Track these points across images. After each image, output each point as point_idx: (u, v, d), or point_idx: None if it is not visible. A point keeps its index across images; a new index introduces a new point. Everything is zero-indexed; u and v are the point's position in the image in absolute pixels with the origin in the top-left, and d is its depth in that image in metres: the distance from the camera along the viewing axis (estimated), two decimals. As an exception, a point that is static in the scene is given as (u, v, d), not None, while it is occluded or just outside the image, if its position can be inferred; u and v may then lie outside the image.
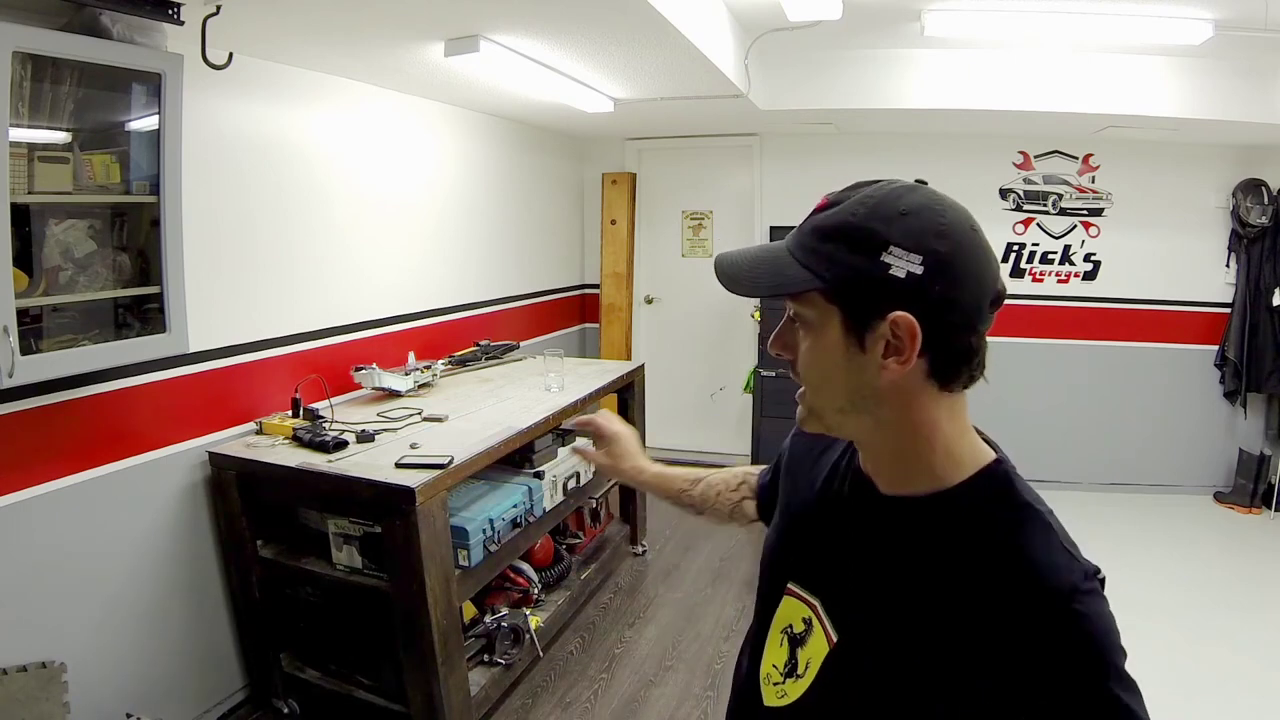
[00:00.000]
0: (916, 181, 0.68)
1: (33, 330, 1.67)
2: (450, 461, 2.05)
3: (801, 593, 0.79)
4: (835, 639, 0.73)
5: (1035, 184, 4.25)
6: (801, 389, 0.73)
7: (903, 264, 0.62)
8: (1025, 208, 4.28)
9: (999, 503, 0.68)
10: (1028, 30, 2.89)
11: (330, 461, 2.08)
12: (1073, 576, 0.63)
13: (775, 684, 0.79)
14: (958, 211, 0.65)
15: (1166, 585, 3.19)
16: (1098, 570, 0.64)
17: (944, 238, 0.63)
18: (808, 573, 0.79)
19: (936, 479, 0.69)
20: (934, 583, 0.67)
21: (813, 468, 0.84)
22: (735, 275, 0.71)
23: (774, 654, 0.81)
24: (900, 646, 0.68)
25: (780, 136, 4.48)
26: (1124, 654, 0.62)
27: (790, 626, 0.79)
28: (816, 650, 0.75)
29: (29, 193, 1.61)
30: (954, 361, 0.66)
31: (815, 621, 0.76)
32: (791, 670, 0.77)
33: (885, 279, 0.63)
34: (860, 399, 0.68)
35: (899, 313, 0.63)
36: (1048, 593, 0.62)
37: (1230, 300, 4.13)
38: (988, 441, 0.73)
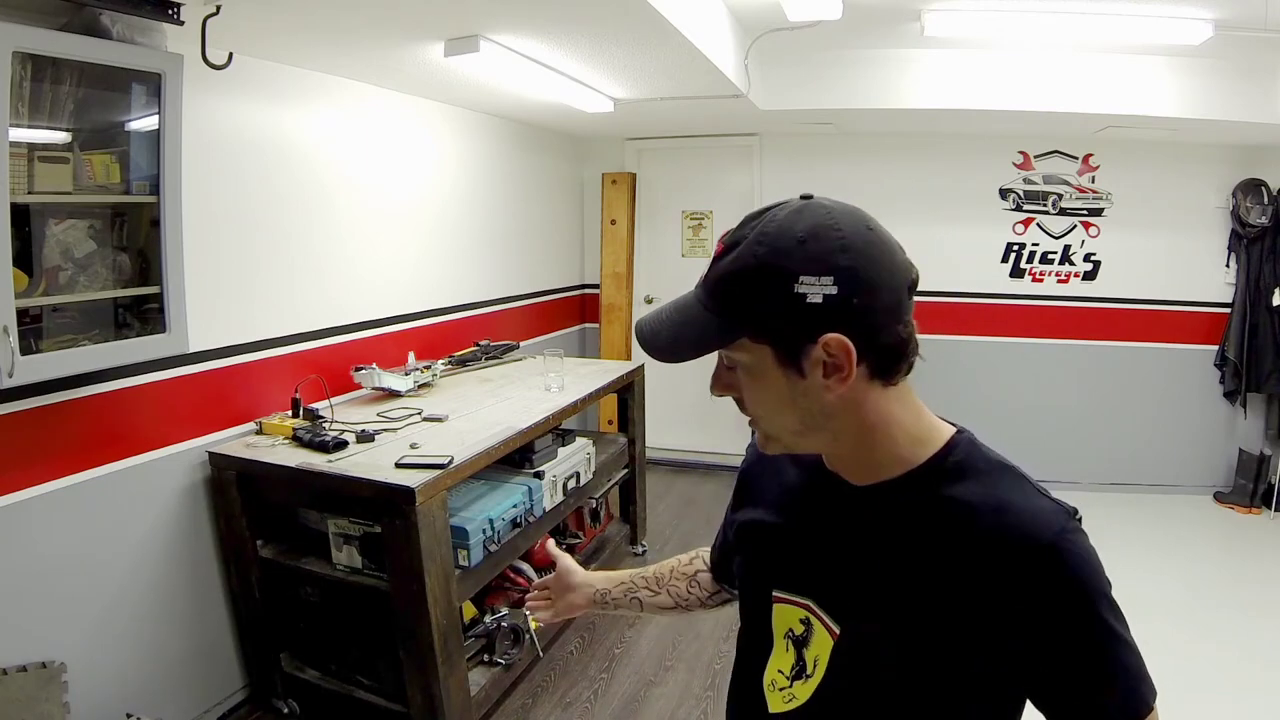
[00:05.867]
0: (801, 198, 0.69)
1: (33, 330, 1.67)
2: (450, 461, 2.05)
3: (789, 597, 0.80)
4: (837, 630, 0.75)
5: (1035, 184, 4.24)
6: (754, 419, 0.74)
7: (817, 289, 0.63)
8: (1025, 208, 4.27)
9: (971, 465, 0.71)
10: (1028, 30, 2.89)
11: (330, 461, 2.08)
12: (1058, 518, 0.67)
13: (781, 689, 0.79)
14: (851, 217, 0.67)
15: (1166, 585, 3.19)
16: (1076, 510, 0.69)
17: (846, 251, 0.64)
18: (791, 577, 0.80)
19: (905, 462, 0.72)
20: (924, 552, 0.70)
21: (771, 482, 0.87)
22: (658, 344, 0.71)
23: (779, 660, 0.81)
24: (902, 621, 0.70)
25: (780, 136, 4.47)
26: (1109, 584, 0.67)
27: (791, 630, 0.80)
28: (821, 646, 0.76)
29: (29, 193, 1.61)
30: (892, 358, 0.68)
31: (814, 619, 0.77)
32: (799, 672, 0.78)
33: (805, 308, 0.64)
34: (812, 419, 0.70)
35: (828, 335, 0.64)
36: (1037, 536, 0.65)
37: (1230, 300, 4.12)
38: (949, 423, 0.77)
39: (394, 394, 2.73)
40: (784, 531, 0.82)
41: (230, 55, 2.16)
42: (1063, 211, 4.24)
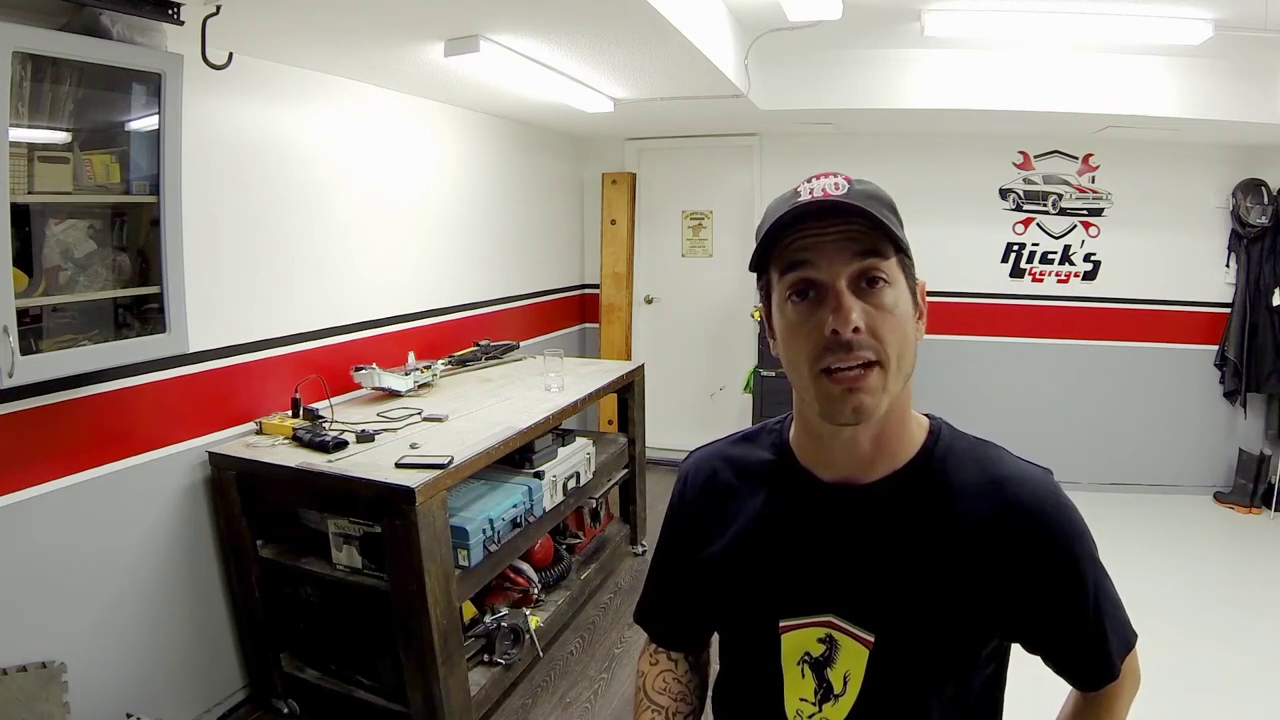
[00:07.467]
0: None
1: (33, 330, 1.67)
2: (450, 461, 2.05)
3: (802, 621, 0.77)
4: (871, 639, 0.74)
5: (1035, 184, 4.24)
6: (869, 366, 0.67)
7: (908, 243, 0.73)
8: (1025, 208, 4.27)
9: (956, 447, 0.77)
10: (1028, 30, 2.89)
11: (330, 461, 2.08)
12: (1046, 477, 0.75)
13: (811, 717, 0.78)
14: None
15: (1166, 585, 3.19)
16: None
17: None
18: (800, 601, 0.77)
19: (913, 443, 0.76)
20: (943, 537, 0.72)
21: (728, 513, 0.83)
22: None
23: (797, 688, 0.78)
24: (936, 609, 0.72)
25: (780, 136, 4.47)
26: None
27: (808, 654, 0.77)
28: (852, 660, 0.75)
29: (29, 193, 1.61)
30: None
31: (838, 635, 0.75)
32: (826, 694, 0.77)
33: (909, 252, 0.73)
34: (912, 365, 0.72)
35: (920, 278, 0.74)
36: (1043, 501, 0.73)
37: (1230, 300, 4.12)
38: None
39: (394, 394, 2.73)
40: (778, 556, 0.78)
41: (230, 55, 2.16)
42: (1063, 211, 4.24)
